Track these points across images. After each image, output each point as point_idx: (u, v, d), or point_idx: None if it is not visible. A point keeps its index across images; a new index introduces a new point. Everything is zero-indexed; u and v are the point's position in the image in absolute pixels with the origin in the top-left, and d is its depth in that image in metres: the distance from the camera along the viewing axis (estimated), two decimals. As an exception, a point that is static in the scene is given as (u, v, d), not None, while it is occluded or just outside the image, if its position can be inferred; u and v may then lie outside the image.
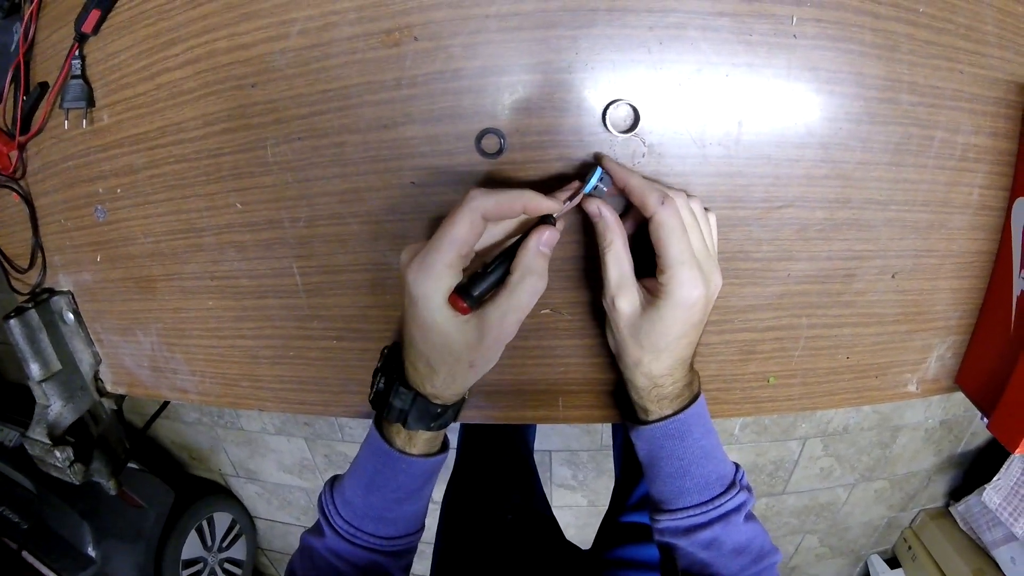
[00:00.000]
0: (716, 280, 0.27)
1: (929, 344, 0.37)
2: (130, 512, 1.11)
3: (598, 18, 0.27)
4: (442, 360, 0.26)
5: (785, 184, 0.30)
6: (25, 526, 0.94)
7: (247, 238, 0.34)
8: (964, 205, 0.34)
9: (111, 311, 0.43)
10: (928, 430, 1.32)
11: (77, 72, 0.35)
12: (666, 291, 0.26)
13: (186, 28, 0.32)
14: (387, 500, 0.30)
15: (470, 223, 0.24)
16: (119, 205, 0.38)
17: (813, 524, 1.48)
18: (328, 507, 0.32)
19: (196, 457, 1.51)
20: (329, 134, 0.30)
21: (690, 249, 0.25)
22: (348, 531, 0.31)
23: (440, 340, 0.26)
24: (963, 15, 0.30)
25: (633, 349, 0.28)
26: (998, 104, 0.32)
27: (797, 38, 0.28)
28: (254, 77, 0.31)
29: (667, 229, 0.25)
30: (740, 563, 0.30)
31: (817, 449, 1.32)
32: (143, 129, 0.35)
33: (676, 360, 0.28)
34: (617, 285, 0.27)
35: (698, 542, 0.29)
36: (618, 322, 0.28)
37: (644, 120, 0.28)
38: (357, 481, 0.31)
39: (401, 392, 0.28)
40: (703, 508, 0.29)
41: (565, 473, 1.37)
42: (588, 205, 0.27)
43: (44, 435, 0.44)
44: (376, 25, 0.28)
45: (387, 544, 0.31)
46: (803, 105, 0.29)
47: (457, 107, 0.29)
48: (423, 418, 0.29)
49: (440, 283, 0.25)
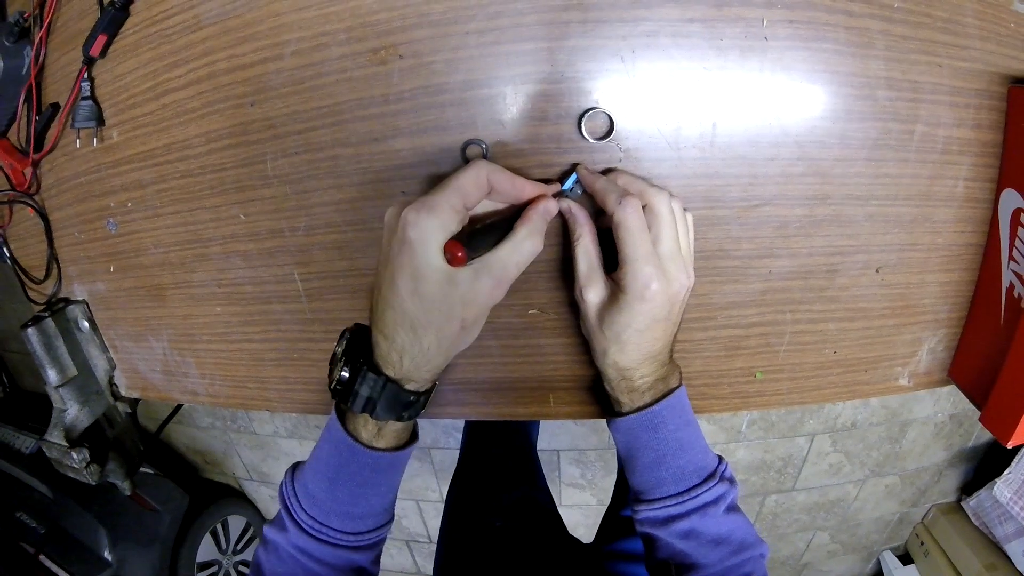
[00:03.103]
0: (681, 279, 0.28)
1: (919, 338, 0.39)
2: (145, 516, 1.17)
3: (571, 30, 0.30)
4: (430, 320, 0.25)
5: (762, 183, 0.33)
6: (42, 530, 1.01)
7: (250, 247, 0.38)
8: (949, 198, 0.35)
9: (124, 318, 0.47)
10: (937, 424, 1.33)
11: (87, 94, 0.39)
12: (623, 285, 0.28)
13: (188, 51, 0.35)
14: (354, 496, 0.29)
15: (476, 178, 0.25)
16: (130, 218, 0.42)
17: (823, 521, 1.50)
18: (290, 500, 0.30)
19: (210, 461, 1.58)
20: (323, 148, 0.34)
21: (648, 247, 0.27)
22: (314, 527, 0.29)
23: (432, 291, 0.24)
24: (941, 9, 0.32)
25: (599, 339, 0.30)
26: (980, 96, 0.33)
27: (768, 40, 0.30)
28: (252, 96, 0.34)
29: (624, 228, 0.27)
30: (719, 554, 0.31)
31: (826, 445, 1.34)
32: (151, 146, 0.38)
33: (644, 355, 0.30)
34: (586, 276, 0.29)
35: (675, 532, 0.30)
36: (587, 312, 0.30)
37: (619, 126, 0.31)
38: (320, 475, 0.30)
39: (369, 378, 0.26)
40: (680, 499, 0.30)
41: (574, 472, 1.40)
42: (560, 203, 0.30)
43: (61, 438, 0.48)
44: (364, 45, 0.31)
45: (356, 540, 0.30)
46: (777, 105, 0.31)
47: (442, 119, 0.32)
48: (393, 407, 0.27)
49: (442, 223, 0.24)
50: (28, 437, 1.12)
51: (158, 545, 1.18)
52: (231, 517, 1.48)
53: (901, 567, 1.51)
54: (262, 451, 1.51)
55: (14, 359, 1.57)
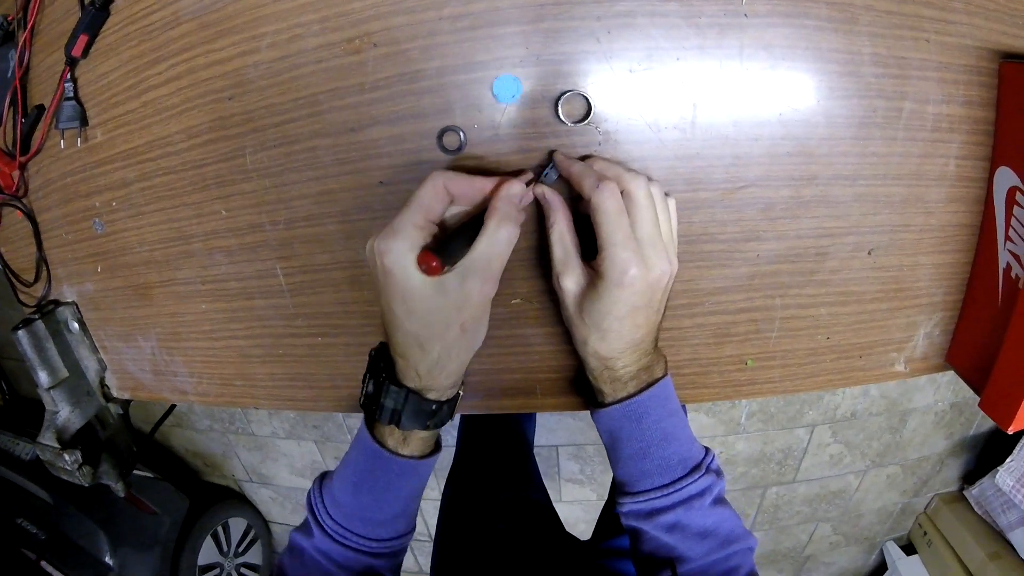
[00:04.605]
0: (661, 265, 0.28)
1: (914, 322, 0.39)
2: (146, 519, 1.20)
3: (546, 12, 0.30)
4: (431, 333, 0.27)
5: (746, 164, 0.33)
6: (43, 536, 1.03)
7: (232, 243, 0.39)
8: (940, 177, 0.35)
9: (113, 319, 0.48)
10: (938, 413, 1.34)
11: (70, 94, 0.40)
12: (602, 271, 0.28)
13: (167, 47, 0.36)
14: (378, 502, 0.31)
15: (433, 189, 0.27)
16: (115, 217, 0.43)
17: (825, 512, 1.50)
18: (317, 506, 0.32)
19: (209, 464, 1.61)
20: (301, 140, 0.35)
21: (626, 231, 0.27)
22: (338, 532, 0.31)
23: (425, 307, 0.26)
24: None
25: (579, 327, 0.30)
26: (970, 72, 0.33)
27: (748, 17, 0.31)
28: (231, 90, 0.35)
29: (601, 212, 0.27)
30: (706, 547, 0.31)
31: (826, 436, 1.34)
32: (133, 144, 0.40)
33: (626, 344, 0.30)
34: (562, 263, 0.30)
35: (661, 525, 0.31)
36: (565, 300, 0.30)
37: (597, 109, 0.31)
38: (346, 481, 0.32)
39: (392, 391, 0.29)
40: (664, 491, 0.30)
41: (572, 468, 1.41)
42: (536, 189, 0.31)
43: (53, 440, 0.49)
44: (338, 35, 0.32)
45: (378, 546, 0.32)
46: (759, 84, 0.32)
47: (418, 107, 0.32)
48: (418, 416, 0.29)
49: (411, 243, 0.26)
50: (27, 443, 1.15)
51: (159, 549, 1.20)
52: (232, 519, 1.50)
53: (904, 558, 1.51)
54: (261, 452, 1.53)
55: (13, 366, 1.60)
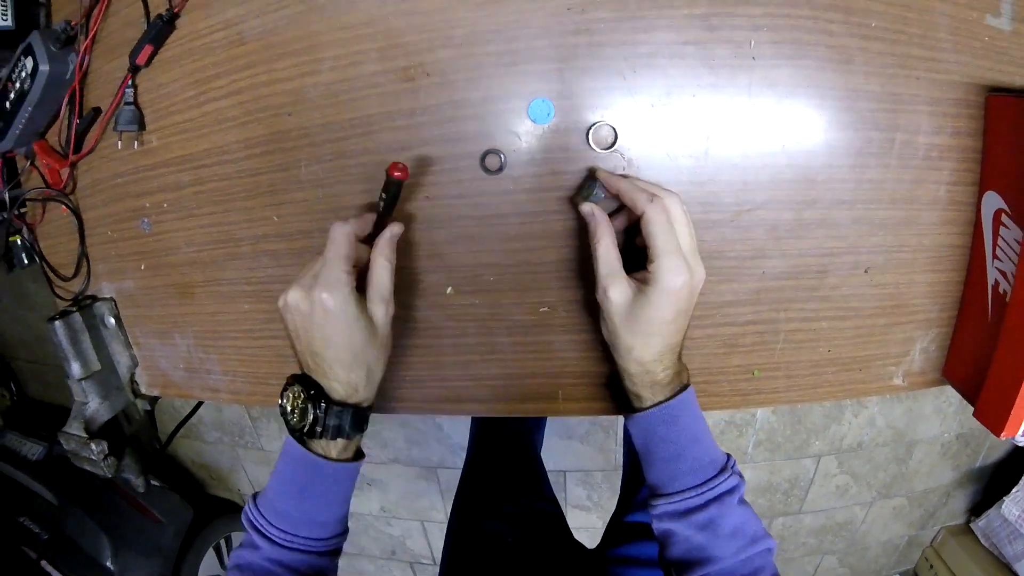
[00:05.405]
0: (700, 271, 0.32)
1: (911, 337, 0.42)
2: (149, 527, 1.21)
3: (579, 52, 0.35)
4: (365, 355, 0.34)
5: (753, 189, 0.37)
6: (45, 536, 1.04)
7: (281, 247, 0.43)
8: (932, 201, 0.39)
9: (151, 316, 0.51)
10: (944, 444, 1.35)
11: (130, 99, 0.44)
12: (654, 278, 0.31)
13: (230, 64, 0.41)
14: (319, 505, 0.35)
15: (346, 239, 0.33)
16: (164, 218, 0.47)
17: (831, 544, 1.50)
18: (259, 522, 0.35)
19: (215, 476, 1.61)
20: (354, 155, 0.39)
21: (676, 240, 0.31)
22: (286, 539, 0.35)
23: (360, 336, 0.33)
24: (916, 25, 0.36)
25: (626, 336, 0.33)
26: (958, 105, 0.37)
27: (756, 59, 0.35)
28: (290, 107, 0.39)
29: (655, 223, 0.31)
30: (736, 545, 0.33)
31: (832, 466, 1.35)
32: (190, 151, 0.44)
33: (665, 346, 0.33)
34: (609, 276, 0.33)
35: (695, 523, 0.33)
36: (611, 311, 0.33)
37: (622, 138, 0.36)
38: (288, 494, 0.35)
39: (335, 411, 0.33)
40: (699, 490, 0.33)
41: (580, 493, 1.42)
42: (582, 208, 0.34)
43: (81, 429, 0.52)
44: (394, 63, 0.37)
45: (322, 545, 0.36)
46: (765, 118, 0.36)
47: (463, 131, 0.37)
48: (358, 424, 0.35)
49: (349, 289, 0.33)
50: (35, 444, 1.16)
51: (161, 557, 1.20)
52: (235, 534, 1.50)
53: (911, 591, 1.52)
54: (268, 467, 1.52)
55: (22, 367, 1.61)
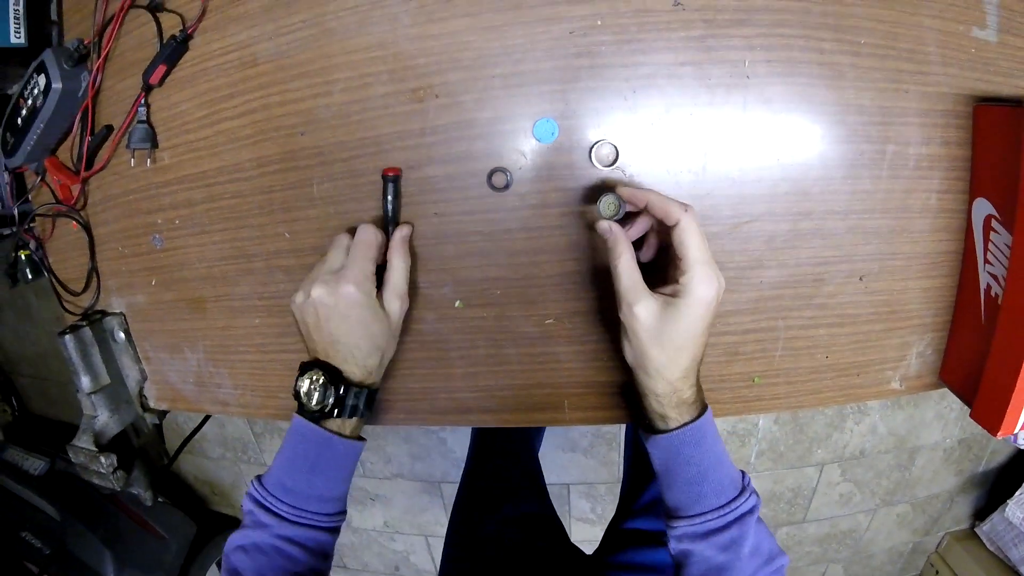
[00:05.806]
0: (723, 280, 0.32)
1: (907, 342, 0.44)
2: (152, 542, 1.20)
3: (582, 74, 0.37)
4: (382, 342, 0.37)
5: (750, 202, 0.39)
6: (47, 551, 1.04)
7: (293, 262, 0.44)
8: (923, 209, 0.41)
9: (161, 330, 0.52)
10: (947, 450, 1.36)
11: (143, 118, 0.45)
12: (687, 289, 0.31)
13: (243, 84, 0.42)
14: (328, 481, 0.37)
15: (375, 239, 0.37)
16: (176, 234, 0.48)
17: (836, 552, 1.51)
18: (267, 500, 0.36)
19: (218, 492, 1.60)
20: (366, 174, 0.40)
21: (709, 250, 0.31)
22: (295, 514, 0.35)
23: (377, 326, 0.36)
24: (904, 41, 0.37)
25: (655, 353, 0.32)
26: (947, 116, 0.39)
27: (750, 78, 0.37)
28: (303, 127, 0.41)
29: (690, 232, 0.31)
30: (755, 564, 0.32)
31: (835, 475, 1.36)
32: (203, 168, 0.45)
33: (692, 360, 0.32)
34: (632, 292, 0.32)
35: (716, 544, 0.32)
36: (636, 328, 0.32)
37: (623, 155, 0.38)
38: (298, 469, 0.36)
39: (354, 392, 0.36)
40: (721, 511, 0.32)
41: (584, 507, 1.42)
42: (600, 225, 0.34)
43: (90, 443, 0.53)
44: (404, 85, 0.38)
45: (329, 520, 0.37)
46: (760, 133, 0.38)
47: (471, 150, 0.39)
48: (370, 405, 0.37)
49: (370, 284, 0.36)
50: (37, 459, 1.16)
51: (163, 573, 1.20)
52: None
53: (917, 599, 1.51)
54: None
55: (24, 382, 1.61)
